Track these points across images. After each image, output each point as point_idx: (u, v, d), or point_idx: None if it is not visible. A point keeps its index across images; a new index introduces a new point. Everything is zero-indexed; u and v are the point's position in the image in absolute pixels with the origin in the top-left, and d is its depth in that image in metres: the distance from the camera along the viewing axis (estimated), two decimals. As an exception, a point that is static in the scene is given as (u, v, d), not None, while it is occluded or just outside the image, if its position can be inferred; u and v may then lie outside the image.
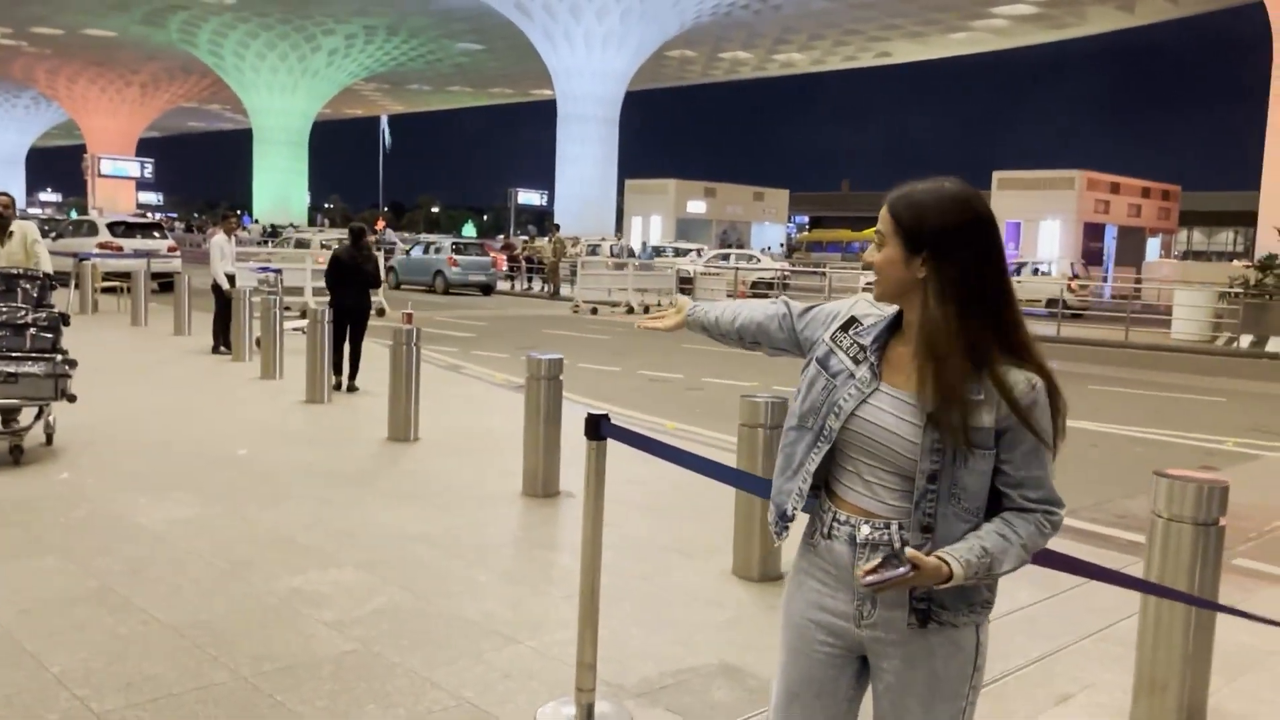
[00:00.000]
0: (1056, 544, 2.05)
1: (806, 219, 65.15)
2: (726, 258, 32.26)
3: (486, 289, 28.38)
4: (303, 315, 15.36)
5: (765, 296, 27.53)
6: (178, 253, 23.76)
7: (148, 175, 56.08)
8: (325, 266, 10.41)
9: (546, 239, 31.21)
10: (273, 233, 45.73)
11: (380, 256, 23.95)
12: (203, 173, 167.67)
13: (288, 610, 4.24)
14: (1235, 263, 31.38)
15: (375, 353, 13.02)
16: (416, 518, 5.72)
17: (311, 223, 57.40)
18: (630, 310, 23.79)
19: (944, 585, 1.76)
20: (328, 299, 10.06)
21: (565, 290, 27.89)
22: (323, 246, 25.44)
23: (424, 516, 5.77)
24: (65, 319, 6.63)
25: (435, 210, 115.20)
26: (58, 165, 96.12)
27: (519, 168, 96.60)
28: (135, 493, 5.94)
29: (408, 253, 31.22)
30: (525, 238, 36.67)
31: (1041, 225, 35.16)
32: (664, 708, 3.52)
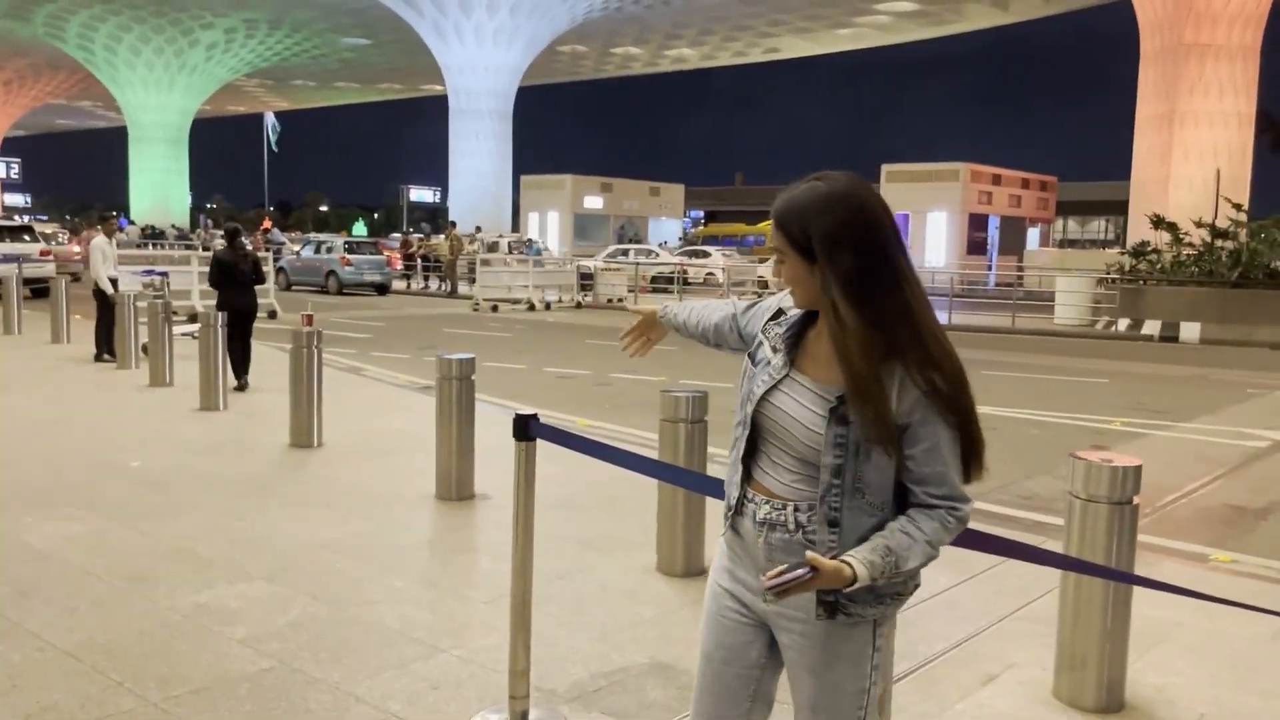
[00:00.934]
0: (971, 527, 2.03)
1: (702, 213, 65.75)
2: (626, 253, 32.29)
3: (382, 288, 27.79)
4: (193, 319, 14.79)
5: (665, 292, 27.69)
6: (51, 256, 22.61)
7: (14, 176, 53.30)
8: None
9: (443, 236, 30.72)
10: (154, 234, 43.92)
11: (269, 256, 23.35)
12: (74, 173, 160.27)
13: (195, 627, 4.04)
14: (1110, 250, 32.85)
15: (269, 355, 12.61)
16: (325, 524, 5.53)
17: (194, 224, 55.31)
18: (531, 307, 23.59)
19: (849, 588, 1.78)
20: (214, 301, 10.19)
21: (463, 288, 27.52)
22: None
23: (333, 523, 5.58)
24: None
25: (324, 209, 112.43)
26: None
27: (410, 164, 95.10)
28: (18, 510, 5.59)
29: (297, 253, 30.35)
30: (421, 235, 36.06)
31: (929, 216, 36.19)
32: (599, 710, 3.46)
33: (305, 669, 3.67)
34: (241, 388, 10.01)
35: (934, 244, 36.14)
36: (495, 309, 22.98)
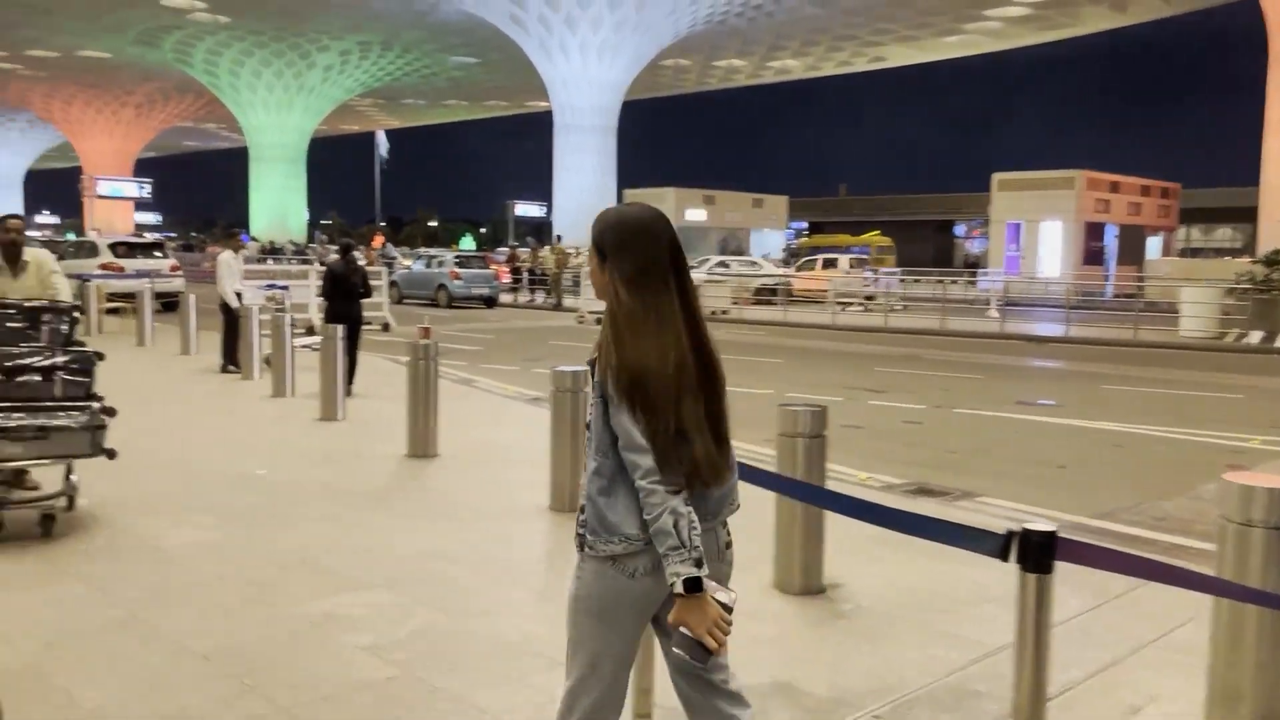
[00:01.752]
0: (1109, 547, 1.94)
1: (805, 224, 65.17)
2: (728, 265, 32.17)
3: (490, 301, 28.27)
4: (310, 331, 15.27)
5: (769, 303, 27.49)
6: (180, 272, 23.67)
7: (145, 195, 56.03)
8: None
9: (548, 250, 31.12)
10: (273, 249, 45.63)
11: (382, 271, 24.01)
12: (200, 192, 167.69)
13: (320, 635, 4.12)
14: (1238, 259, 31.31)
15: (383, 368, 12.92)
16: (443, 535, 5.60)
17: (310, 240, 57.30)
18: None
19: None
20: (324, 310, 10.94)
21: (568, 300, 27.81)
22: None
23: (450, 533, 5.65)
24: (99, 356, 5.59)
25: (433, 224, 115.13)
26: (55, 187, 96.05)
27: (516, 179, 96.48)
28: (154, 516, 5.82)
29: (409, 267, 31.12)
30: (528, 249, 36.60)
31: (1042, 225, 35.10)
32: (721, 730, 3.39)
33: (428, 678, 3.71)
34: (347, 394, 10.18)
35: (1048, 253, 35.02)
36: (599, 321, 23.12)
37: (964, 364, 15.83)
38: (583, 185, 41.40)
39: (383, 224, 77.38)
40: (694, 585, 2.18)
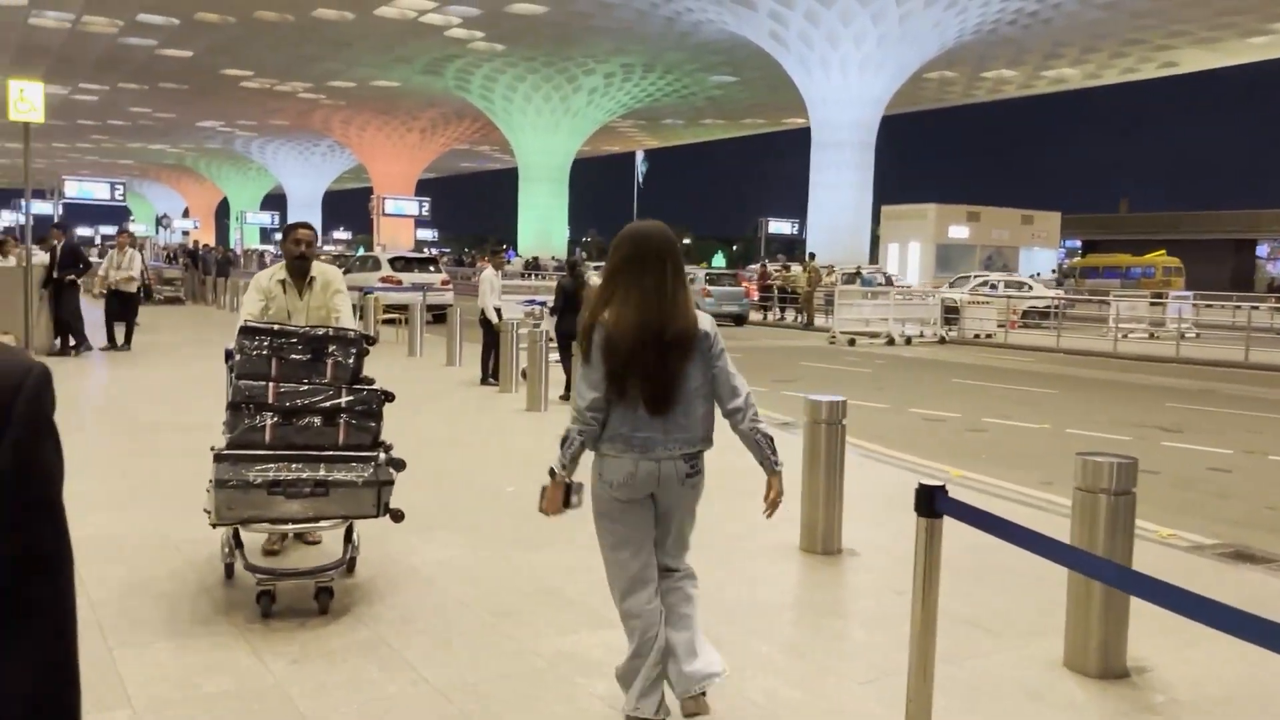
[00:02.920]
0: None
1: (1080, 243, 60.80)
2: (994, 285, 30.35)
3: (739, 319, 28.07)
4: (564, 347, 15.57)
5: (1039, 327, 25.62)
6: (450, 286, 25.02)
7: (425, 214, 60.20)
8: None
9: (801, 268, 30.56)
10: (534, 265, 47.71)
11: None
12: (473, 209, 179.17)
13: (557, 677, 3.90)
14: None
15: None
16: (687, 571, 5.29)
17: (570, 255, 59.62)
18: (891, 342, 22.71)
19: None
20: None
21: (820, 320, 27.16)
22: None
23: (696, 570, 5.32)
24: (388, 396, 4.71)
25: (686, 241, 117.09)
26: (348, 206, 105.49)
27: (769, 197, 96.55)
28: (407, 532, 5.87)
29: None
30: (779, 266, 36.18)
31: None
32: None
33: (666, 741, 3.38)
34: (566, 398, 10.54)
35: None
36: (852, 342, 22.35)
37: (1275, 403, 13.93)
38: (839, 202, 40.48)
39: (638, 241, 79.25)
40: (552, 473, 3.45)
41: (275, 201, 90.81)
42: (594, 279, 14.37)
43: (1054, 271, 45.32)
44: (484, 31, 42.22)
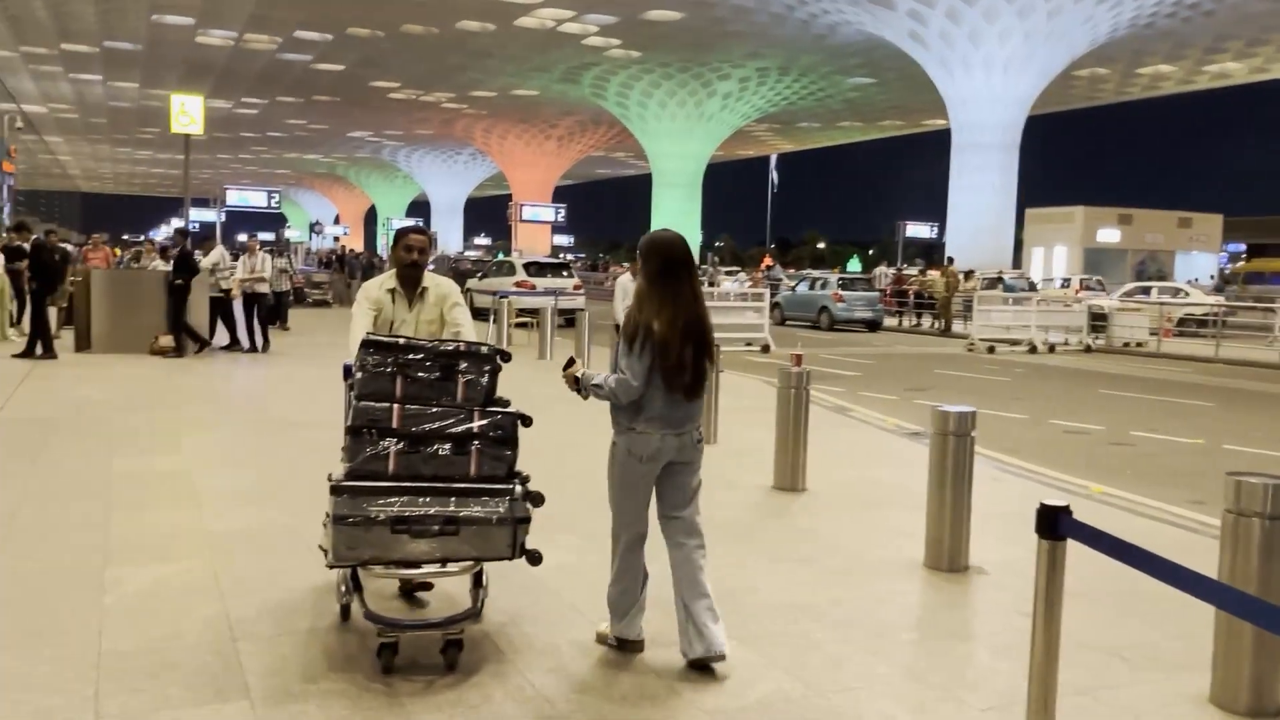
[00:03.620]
0: None
1: (1244, 247, 57.20)
2: (1147, 291, 28.84)
3: (873, 325, 27.49)
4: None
5: (1196, 335, 24.18)
6: (582, 290, 25.33)
7: (560, 220, 61.20)
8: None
9: (938, 273, 29.73)
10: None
11: (766, 292, 24.15)
12: (606, 215, 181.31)
13: (667, 690, 3.85)
14: None
15: (758, 390, 12.77)
16: (805, 585, 5.17)
17: (702, 261, 59.58)
18: (1033, 349, 21.82)
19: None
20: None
21: (957, 326, 26.34)
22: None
23: (813, 584, 5.20)
24: (525, 420, 4.25)
25: (821, 245, 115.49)
26: (489, 212, 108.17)
27: (906, 200, 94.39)
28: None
29: (793, 288, 31.12)
30: (916, 271, 35.28)
31: None
32: None
33: (773, 761, 3.29)
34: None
35: None
36: (991, 350, 21.57)
37: None
38: (980, 205, 39.16)
39: (771, 246, 78.76)
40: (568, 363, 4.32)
41: (420, 208, 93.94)
42: (724, 282, 14.28)
43: (1213, 277, 42.77)
44: (620, 39, 42.67)
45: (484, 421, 4.06)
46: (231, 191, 40.06)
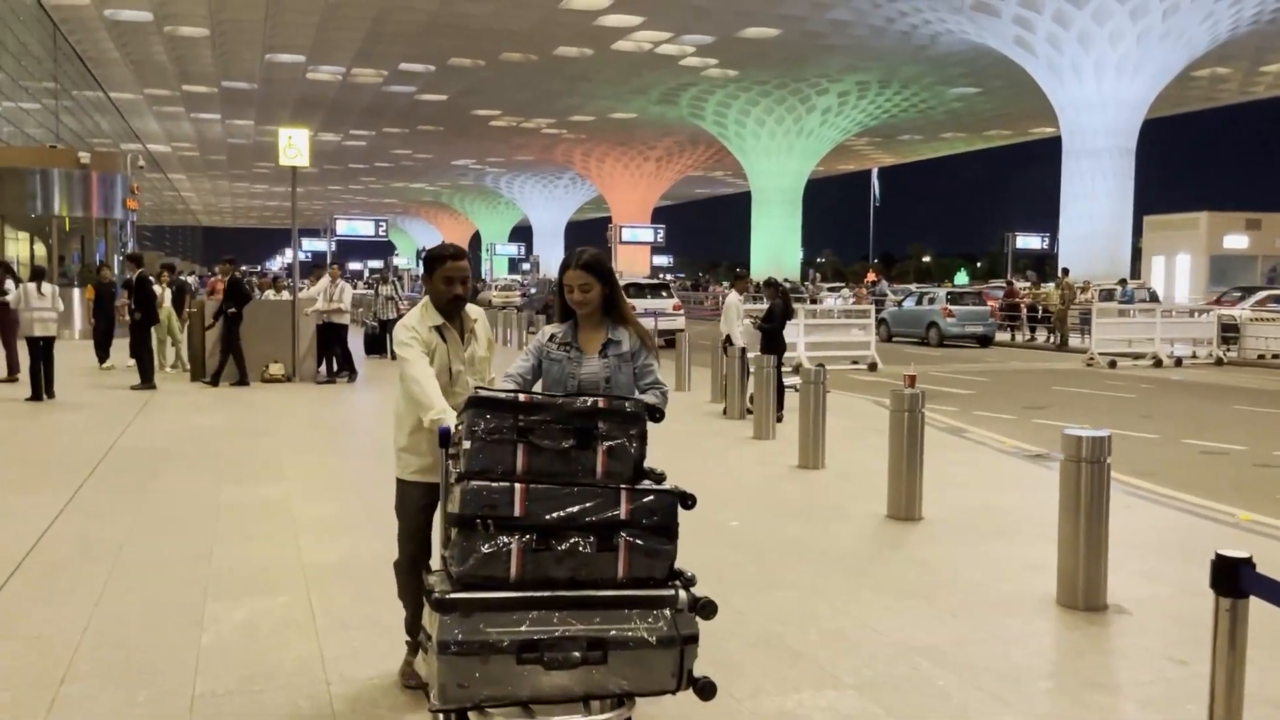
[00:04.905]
0: None
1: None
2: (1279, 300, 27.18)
3: (984, 340, 26.56)
4: (795, 371, 15.15)
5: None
6: (682, 311, 25.13)
7: (659, 240, 61.24)
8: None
9: (1052, 285, 28.61)
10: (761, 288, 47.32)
11: (871, 308, 23.54)
12: (705, 234, 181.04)
13: (778, 741, 3.55)
14: None
15: (866, 411, 12.32)
16: (925, 623, 4.80)
17: (803, 278, 58.80)
18: (1158, 363, 20.72)
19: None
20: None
21: (1074, 340, 25.26)
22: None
23: (933, 622, 4.83)
24: (687, 501, 3.28)
25: (926, 259, 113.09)
26: (590, 235, 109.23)
27: (1015, 211, 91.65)
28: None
29: (899, 304, 30.34)
30: (1029, 283, 34.07)
31: None
32: None
33: (900, 831, 2.96)
34: (777, 419, 10.99)
35: None
36: (1113, 364, 20.54)
37: None
38: (1094, 213, 37.65)
39: (875, 261, 77.39)
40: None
41: (522, 233, 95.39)
42: (827, 299, 14.43)
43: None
44: (717, 58, 42.58)
45: (635, 505, 3.09)
46: (341, 221, 41.15)
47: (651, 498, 3.12)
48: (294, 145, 14.52)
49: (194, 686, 4.00)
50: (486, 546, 2.92)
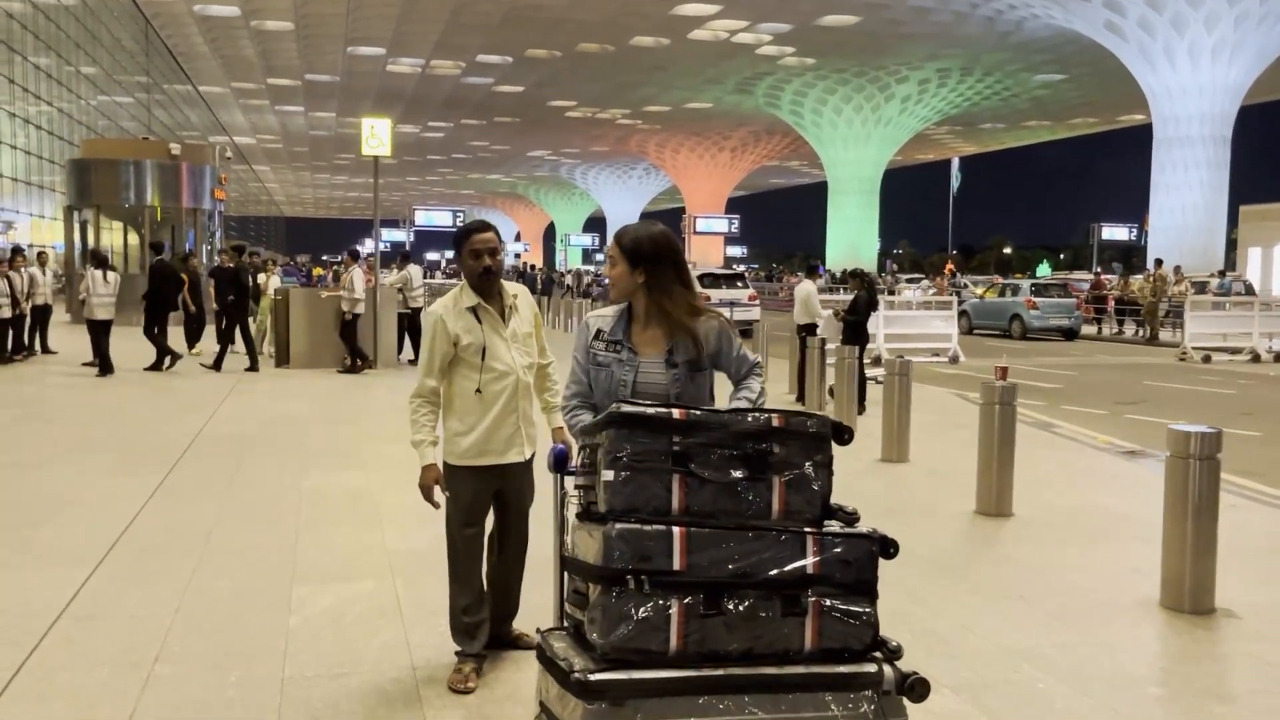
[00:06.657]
0: None
1: None
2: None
3: (1070, 334, 25.83)
4: (876, 362, 14.89)
5: None
6: (757, 301, 24.93)
7: (734, 231, 60.90)
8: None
9: (1141, 276, 27.72)
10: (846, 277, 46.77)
11: (954, 299, 23.06)
12: (780, 225, 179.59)
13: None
14: None
15: (950, 405, 12.04)
16: (1023, 626, 4.62)
17: (880, 269, 57.98)
18: (1256, 358, 19.91)
19: None
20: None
21: (1164, 334, 24.43)
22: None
23: (1033, 625, 4.65)
24: (889, 549, 2.53)
25: (1007, 251, 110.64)
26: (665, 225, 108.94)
27: (1100, 201, 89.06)
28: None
29: (981, 296, 29.68)
30: (1118, 275, 33.07)
31: None
32: None
33: (1007, 844, 2.83)
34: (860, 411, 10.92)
35: None
36: (1207, 359, 19.80)
37: None
38: (1186, 204, 36.38)
39: (953, 252, 75.95)
40: None
41: (596, 224, 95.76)
42: (905, 290, 14.25)
43: None
44: (794, 47, 42.10)
45: (823, 553, 2.42)
46: (419, 212, 41.71)
47: (842, 546, 2.43)
48: (376, 135, 14.69)
49: (283, 670, 4.02)
50: (641, 610, 2.27)
